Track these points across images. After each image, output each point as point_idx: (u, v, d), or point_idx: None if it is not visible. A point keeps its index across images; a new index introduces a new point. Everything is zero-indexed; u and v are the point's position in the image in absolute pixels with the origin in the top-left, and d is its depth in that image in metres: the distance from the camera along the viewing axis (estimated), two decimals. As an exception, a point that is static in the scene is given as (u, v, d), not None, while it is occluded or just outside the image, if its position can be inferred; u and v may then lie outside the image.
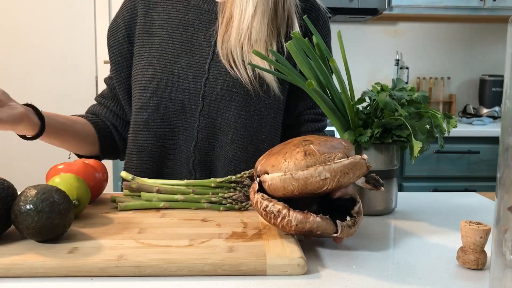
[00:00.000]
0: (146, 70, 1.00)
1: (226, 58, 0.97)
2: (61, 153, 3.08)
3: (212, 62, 0.99)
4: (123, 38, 1.06)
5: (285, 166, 0.66)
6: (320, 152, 0.66)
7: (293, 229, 0.64)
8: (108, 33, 1.09)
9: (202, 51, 1.00)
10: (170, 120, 1.00)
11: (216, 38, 0.99)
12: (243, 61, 0.96)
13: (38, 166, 2.83)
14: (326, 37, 1.06)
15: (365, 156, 0.67)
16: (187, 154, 1.00)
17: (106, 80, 1.12)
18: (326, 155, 0.66)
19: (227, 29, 0.98)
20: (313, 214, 0.64)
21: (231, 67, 0.97)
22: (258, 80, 0.97)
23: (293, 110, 1.07)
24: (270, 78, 0.97)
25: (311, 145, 0.67)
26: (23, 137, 0.91)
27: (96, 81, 2.85)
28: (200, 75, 0.98)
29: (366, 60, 3.04)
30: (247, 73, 0.96)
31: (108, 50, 1.09)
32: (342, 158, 0.66)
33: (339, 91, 0.84)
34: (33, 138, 0.91)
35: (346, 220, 0.67)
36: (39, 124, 0.89)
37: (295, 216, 0.64)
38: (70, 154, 1.09)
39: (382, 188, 0.73)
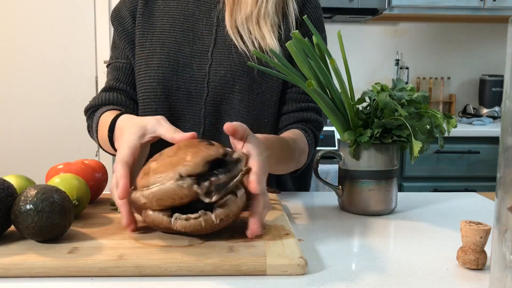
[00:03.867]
0: (150, 59, 1.01)
1: (234, 34, 0.99)
2: (61, 153, 3.06)
3: (215, 49, 1.01)
4: (131, 28, 1.06)
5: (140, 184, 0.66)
6: (153, 172, 0.65)
7: (148, 222, 0.67)
8: (114, 24, 1.07)
9: (204, 40, 1.02)
10: (177, 108, 1.01)
11: (217, 27, 1.01)
12: (250, 36, 0.99)
13: (38, 166, 2.83)
14: (317, 22, 1.06)
15: (187, 182, 0.62)
16: None
17: (116, 64, 1.07)
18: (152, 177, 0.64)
19: (234, 6, 1.00)
20: (154, 211, 0.64)
21: (239, 42, 0.99)
22: None
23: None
24: None
25: (152, 163, 0.66)
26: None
27: (96, 81, 2.85)
28: (204, 63, 1.00)
29: (366, 60, 3.04)
30: (254, 48, 0.98)
31: (119, 38, 1.07)
32: (171, 179, 0.62)
33: (339, 91, 0.84)
34: None
35: (215, 210, 0.63)
36: None
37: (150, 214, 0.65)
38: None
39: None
